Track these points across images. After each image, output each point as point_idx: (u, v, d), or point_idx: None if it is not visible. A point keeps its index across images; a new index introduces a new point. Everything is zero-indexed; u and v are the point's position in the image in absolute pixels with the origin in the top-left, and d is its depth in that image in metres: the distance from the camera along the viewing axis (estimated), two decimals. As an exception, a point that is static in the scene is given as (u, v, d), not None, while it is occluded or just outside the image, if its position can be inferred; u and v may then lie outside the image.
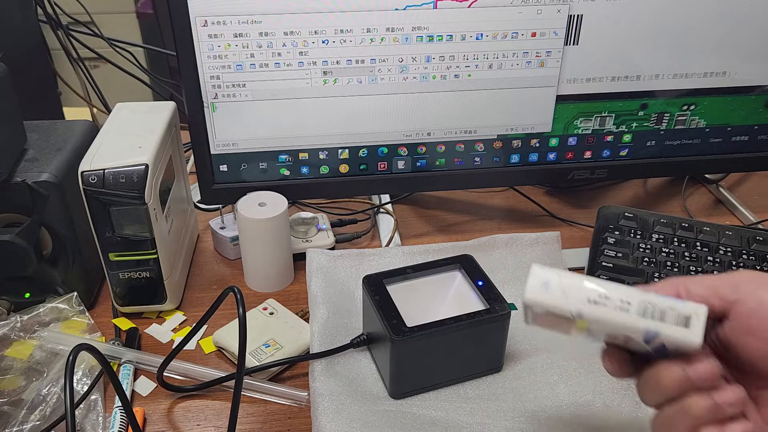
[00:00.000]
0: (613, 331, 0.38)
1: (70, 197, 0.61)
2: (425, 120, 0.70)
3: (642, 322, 0.36)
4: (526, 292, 0.39)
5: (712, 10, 0.66)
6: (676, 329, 0.36)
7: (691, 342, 0.36)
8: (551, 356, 0.59)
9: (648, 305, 0.37)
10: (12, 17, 0.85)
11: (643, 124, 0.73)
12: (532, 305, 0.39)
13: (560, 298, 0.38)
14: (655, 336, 0.36)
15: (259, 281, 0.70)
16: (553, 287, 0.39)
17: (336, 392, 0.54)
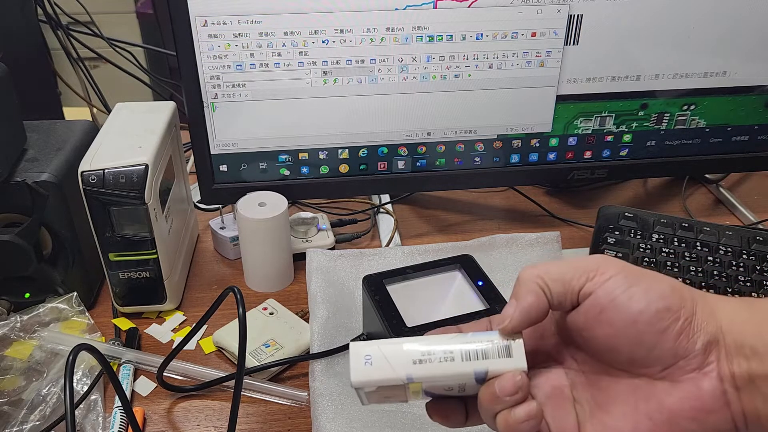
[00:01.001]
0: (446, 382, 0.38)
1: (70, 197, 0.61)
2: (425, 120, 0.70)
3: (469, 366, 0.37)
4: (352, 375, 0.38)
5: (712, 10, 0.66)
6: (502, 361, 0.37)
7: (518, 368, 0.36)
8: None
9: (469, 348, 0.37)
10: (12, 17, 0.85)
11: (643, 124, 0.73)
12: (363, 386, 0.38)
13: (387, 369, 0.38)
14: (485, 373, 0.37)
15: (259, 281, 0.70)
16: (375, 360, 0.38)
17: (336, 392, 0.54)
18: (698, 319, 0.33)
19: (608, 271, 0.35)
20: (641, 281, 0.35)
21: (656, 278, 0.35)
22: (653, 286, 0.34)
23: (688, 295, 0.34)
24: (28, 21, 0.88)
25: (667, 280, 0.35)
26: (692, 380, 0.33)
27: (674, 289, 0.35)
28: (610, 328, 0.34)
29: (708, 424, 0.33)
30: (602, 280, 0.35)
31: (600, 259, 0.36)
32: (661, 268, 0.65)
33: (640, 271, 0.35)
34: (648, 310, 0.33)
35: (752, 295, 0.62)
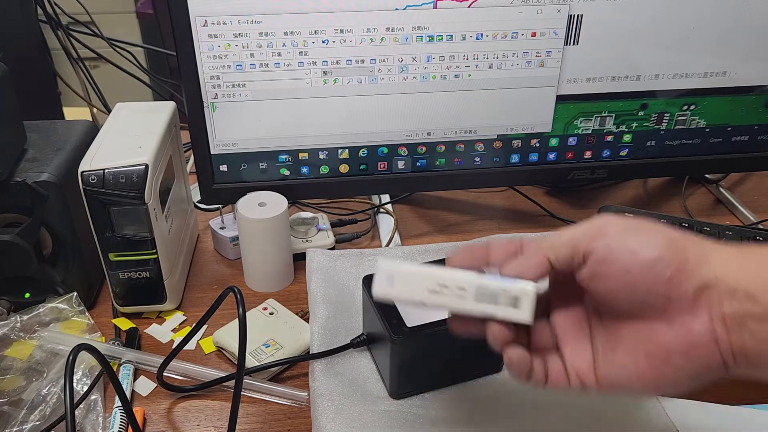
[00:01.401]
0: (455, 312, 0.42)
1: (70, 197, 0.61)
2: (425, 120, 0.70)
3: (478, 306, 0.40)
4: (374, 289, 0.42)
5: (712, 10, 0.66)
6: (508, 310, 0.40)
7: (522, 320, 0.40)
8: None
9: (482, 290, 0.40)
10: (12, 17, 0.85)
11: (643, 124, 0.73)
12: (382, 299, 0.42)
13: (404, 292, 0.42)
14: (492, 317, 0.40)
15: (259, 281, 0.70)
16: (396, 281, 0.42)
17: (336, 392, 0.54)
18: (690, 266, 0.36)
19: (609, 229, 0.39)
20: (638, 234, 0.38)
21: (652, 231, 0.38)
22: (647, 238, 0.38)
23: (682, 245, 0.37)
24: (28, 21, 0.88)
25: (662, 232, 0.38)
26: (684, 321, 0.37)
27: (669, 239, 0.38)
28: (609, 280, 0.38)
29: (699, 360, 0.37)
30: (603, 238, 0.38)
31: (605, 219, 0.40)
32: (661, 268, 0.65)
33: (638, 226, 0.39)
34: (640, 261, 0.37)
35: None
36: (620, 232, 0.38)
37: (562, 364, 0.41)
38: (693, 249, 0.37)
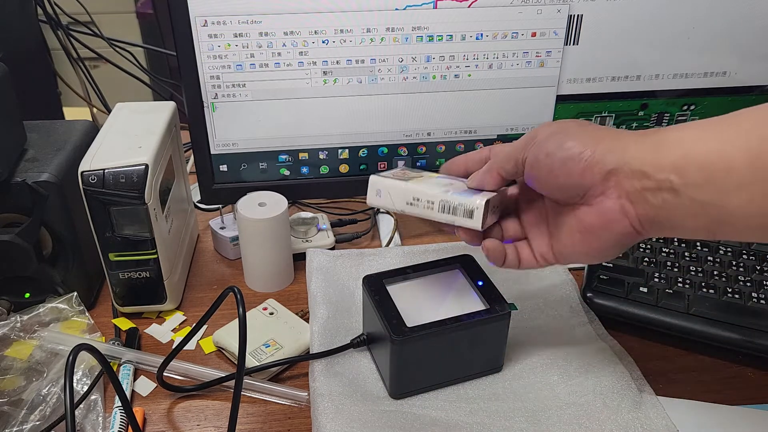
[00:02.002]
0: (427, 219, 0.53)
1: (70, 197, 0.61)
2: (425, 120, 0.70)
3: (442, 216, 0.51)
4: (368, 199, 0.55)
5: (712, 10, 0.66)
6: (465, 220, 0.51)
7: (475, 228, 0.51)
8: (551, 356, 0.59)
9: (444, 204, 0.51)
10: (12, 17, 0.85)
11: (643, 124, 0.73)
12: (373, 206, 0.56)
13: (387, 203, 0.54)
14: (453, 224, 0.51)
15: (259, 281, 0.70)
16: (383, 194, 0.54)
17: (336, 392, 0.54)
18: (597, 157, 0.44)
19: (538, 137, 0.48)
20: (557, 138, 0.46)
21: (572, 132, 0.46)
22: (564, 140, 0.46)
23: (597, 139, 0.45)
24: (28, 21, 0.88)
25: (581, 131, 0.46)
26: (599, 202, 0.45)
27: (585, 137, 0.45)
28: (540, 180, 0.48)
29: (616, 230, 0.45)
30: (532, 147, 0.48)
31: (538, 128, 0.49)
32: (661, 268, 0.65)
33: (562, 129, 0.47)
34: (556, 161, 0.46)
35: (752, 295, 0.62)
36: (545, 139, 0.47)
37: (530, 249, 0.52)
38: (606, 143, 0.44)
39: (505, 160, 0.50)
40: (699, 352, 0.62)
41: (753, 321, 0.60)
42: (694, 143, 0.41)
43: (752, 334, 0.59)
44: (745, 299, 0.62)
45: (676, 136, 0.42)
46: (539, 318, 0.64)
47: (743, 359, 0.61)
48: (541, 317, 0.64)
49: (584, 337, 0.61)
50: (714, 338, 0.60)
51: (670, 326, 0.61)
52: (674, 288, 0.63)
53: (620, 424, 0.53)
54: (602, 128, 0.47)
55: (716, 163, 0.40)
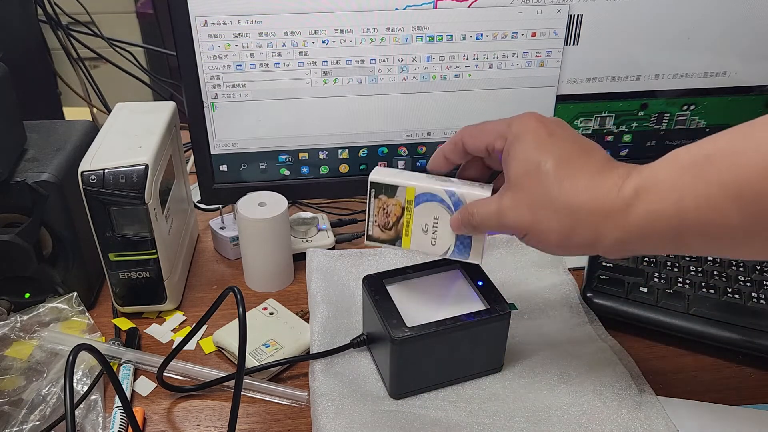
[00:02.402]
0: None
1: (70, 197, 0.61)
2: (425, 120, 0.70)
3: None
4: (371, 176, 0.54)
5: (713, 11, 0.66)
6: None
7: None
8: (551, 356, 0.59)
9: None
10: (12, 17, 0.85)
11: (643, 124, 0.73)
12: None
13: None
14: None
15: (259, 281, 0.70)
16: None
17: (336, 392, 0.54)
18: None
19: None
20: (517, 147, 0.47)
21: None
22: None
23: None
24: (28, 21, 0.88)
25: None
26: None
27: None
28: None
29: None
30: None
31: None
32: (660, 268, 0.65)
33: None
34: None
35: (752, 295, 0.62)
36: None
37: None
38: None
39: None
40: (699, 352, 0.62)
41: (753, 321, 0.60)
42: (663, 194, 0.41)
43: (752, 334, 0.59)
44: (745, 299, 0.62)
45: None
46: (539, 318, 0.64)
47: (743, 359, 0.61)
48: (541, 317, 0.64)
49: (584, 337, 0.61)
50: (714, 338, 0.60)
51: (670, 326, 0.61)
52: (674, 288, 0.63)
53: (620, 424, 0.53)
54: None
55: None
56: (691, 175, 0.40)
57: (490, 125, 0.50)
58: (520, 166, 0.46)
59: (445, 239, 0.53)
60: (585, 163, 0.45)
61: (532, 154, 0.46)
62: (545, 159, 0.45)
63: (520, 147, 0.47)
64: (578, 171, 0.44)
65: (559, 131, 0.47)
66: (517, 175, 0.46)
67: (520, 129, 0.47)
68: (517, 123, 0.48)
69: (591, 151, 0.46)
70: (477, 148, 0.51)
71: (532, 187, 0.45)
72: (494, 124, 0.50)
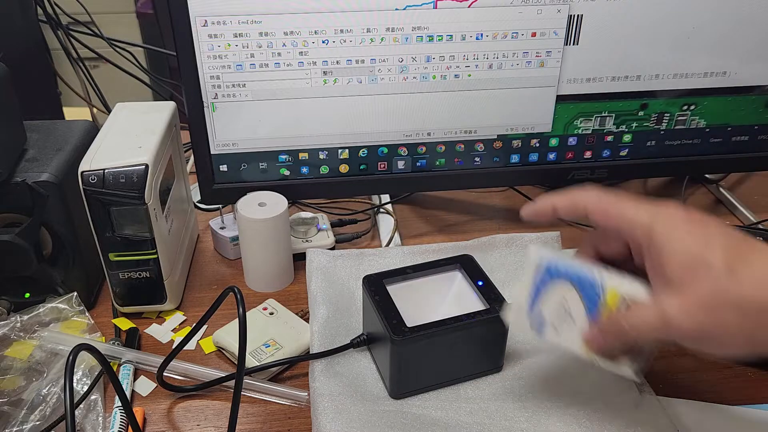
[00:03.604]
0: None
1: (70, 197, 0.61)
2: (425, 120, 0.70)
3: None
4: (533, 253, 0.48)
5: (713, 11, 0.66)
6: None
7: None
8: (551, 356, 0.59)
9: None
10: (12, 17, 0.85)
11: (643, 124, 0.73)
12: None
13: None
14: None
15: (259, 281, 0.70)
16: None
17: (336, 392, 0.54)
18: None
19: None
20: (674, 241, 0.42)
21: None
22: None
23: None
24: (28, 21, 0.88)
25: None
26: None
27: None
28: None
29: None
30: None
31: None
32: (661, 268, 0.65)
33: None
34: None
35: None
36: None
37: None
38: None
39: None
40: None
41: (753, 321, 0.60)
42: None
43: (752, 334, 0.59)
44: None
45: None
46: (539, 318, 0.64)
47: (743, 359, 0.61)
48: (541, 317, 0.64)
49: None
50: (714, 338, 0.60)
51: (670, 326, 0.61)
52: (674, 288, 0.63)
53: (620, 424, 0.53)
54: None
55: None
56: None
57: (626, 208, 0.45)
58: (681, 263, 0.41)
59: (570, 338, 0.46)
60: (754, 251, 0.41)
61: (694, 248, 0.41)
62: (713, 252, 0.40)
63: (676, 242, 0.42)
64: (753, 260, 0.40)
65: (710, 222, 0.43)
66: (680, 274, 0.41)
67: (669, 221, 0.43)
68: (664, 214, 0.43)
69: (750, 239, 0.42)
70: (605, 227, 0.46)
71: (703, 285, 0.40)
72: (631, 209, 0.45)
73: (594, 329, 0.45)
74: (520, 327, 0.49)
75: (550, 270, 0.46)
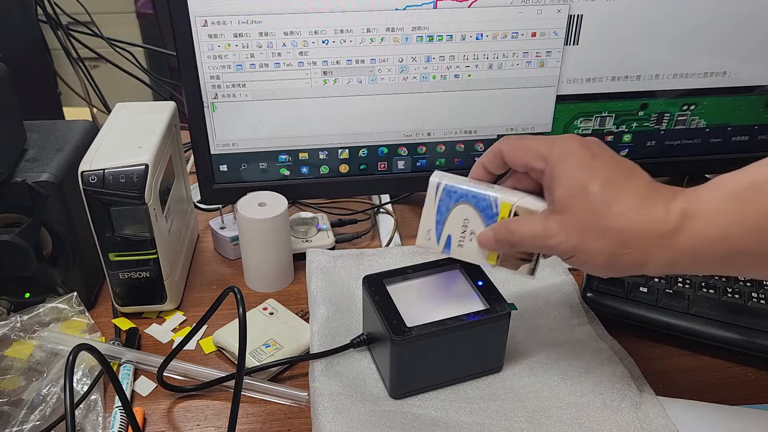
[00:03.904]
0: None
1: (70, 197, 0.61)
2: (425, 120, 0.70)
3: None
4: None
5: (713, 10, 0.66)
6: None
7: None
8: (551, 356, 0.59)
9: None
10: (12, 17, 0.85)
11: (643, 124, 0.73)
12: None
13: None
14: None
15: (259, 281, 0.70)
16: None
17: (336, 392, 0.54)
18: None
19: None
20: (561, 169, 0.46)
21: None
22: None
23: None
24: (28, 21, 0.88)
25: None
26: None
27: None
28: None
29: None
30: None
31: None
32: (661, 268, 0.65)
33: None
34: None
35: (752, 295, 0.62)
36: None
37: None
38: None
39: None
40: (699, 352, 0.62)
41: (753, 321, 0.60)
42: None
43: (752, 334, 0.59)
44: (745, 299, 0.62)
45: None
46: (539, 318, 0.64)
47: (743, 359, 0.61)
48: (541, 317, 0.64)
49: (584, 337, 0.61)
50: (714, 338, 0.60)
51: (670, 326, 0.61)
52: (674, 288, 0.63)
53: (620, 424, 0.53)
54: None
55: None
56: (736, 202, 0.42)
57: (530, 142, 0.49)
58: (565, 188, 0.46)
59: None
60: (630, 185, 0.45)
61: (577, 176, 0.46)
62: (592, 181, 0.45)
63: (565, 169, 0.46)
64: (625, 193, 0.45)
65: (601, 152, 0.47)
66: (563, 196, 0.46)
67: (563, 151, 0.47)
68: (559, 144, 0.47)
69: (634, 172, 0.47)
70: (516, 164, 0.50)
71: (579, 209, 0.45)
72: (535, 142, 0.49)
73: (487, 230, 0.51)
74: (430, 247, 0.54)
75: (449, 193, 0.52)
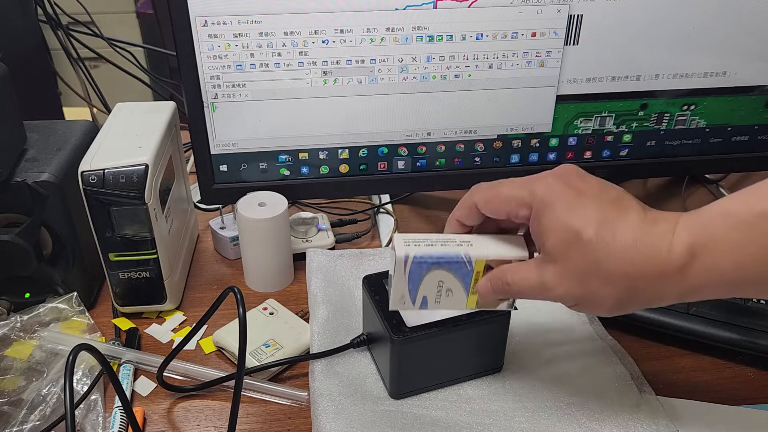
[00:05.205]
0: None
1: (70, 197, 0.61)
2: (425, 120, 0.70)
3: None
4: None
5: (713, 11, 0.66)
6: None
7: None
8: (551, 356, 0.59)
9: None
10: (12, 17, 0.85)
11: (643, 124, 0.73)
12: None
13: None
14: None
15: (259, 281, 0.70)
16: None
17: (336, 392, 0.54)
18: None
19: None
20: (549, 217, 0.44)
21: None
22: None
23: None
24: (28, 21, 0.88)
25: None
26: None
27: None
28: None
29: None
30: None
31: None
32: (661, 268, 0.65)
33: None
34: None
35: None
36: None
37: None
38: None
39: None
40: (699, 352, 0.62)
41: (753, 321, 0.60)
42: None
43: (752, 334, 0.59)
44: (745, 299, 0.62)
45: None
46: (539, 318, 0.64)
47: (743, 359, 0.61)
48: (541, 317, 0.64)
49: (584, 337, 0.61)
50: (714, 338, 0.60)
51: (670, 326, 0.61)
52: (674, 288, 0.63)
53: (620, 424, 0.53)
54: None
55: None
56: (748, 234, 0.40)
57: (507, 190, 0.46)
58: (558, 237, 0.43)
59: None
60: (624, 219, 0.43)
61: (568, 222, 0.43)
62: (585, 227, 0.42)
63: (553, 216, 0.44)
64: (620, 231, 0.42)
65: (584, 187, 0.45)
66: (557, 246, 0.43)
67: (546, 194, 0.44)
68: (540, 187, 0.45)
69: (623, 201, 0.44)
70: (495, 214, 0.47)
71: (577, 258, 0.43)
72: (512, 189, 0.46)
73: (484, 281, 0.48)
74: (406, 308, 0.51)
75: (419, 264, 0.48)
